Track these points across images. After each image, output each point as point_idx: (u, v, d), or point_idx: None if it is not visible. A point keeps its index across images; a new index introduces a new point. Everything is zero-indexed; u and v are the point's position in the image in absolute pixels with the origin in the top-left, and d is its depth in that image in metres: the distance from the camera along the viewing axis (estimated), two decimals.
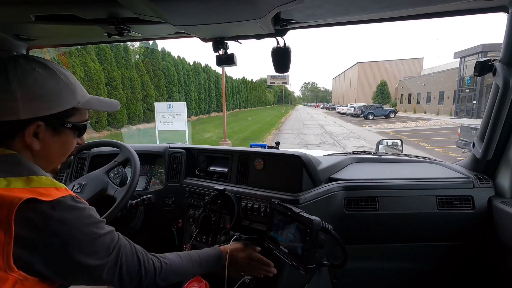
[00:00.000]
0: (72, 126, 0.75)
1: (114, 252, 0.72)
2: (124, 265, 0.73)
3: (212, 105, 22.89)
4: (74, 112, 0.75)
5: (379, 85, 46.52)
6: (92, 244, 0.67)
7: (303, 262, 0.96)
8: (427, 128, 16.92)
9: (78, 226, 0.65)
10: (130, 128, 13.22)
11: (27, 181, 0.64)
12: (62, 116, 0.72)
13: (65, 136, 0.75)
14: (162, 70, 16.15)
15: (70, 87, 0.73)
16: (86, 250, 0.66)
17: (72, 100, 0.73)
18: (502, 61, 1.14)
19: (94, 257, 0.67)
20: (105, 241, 0.70)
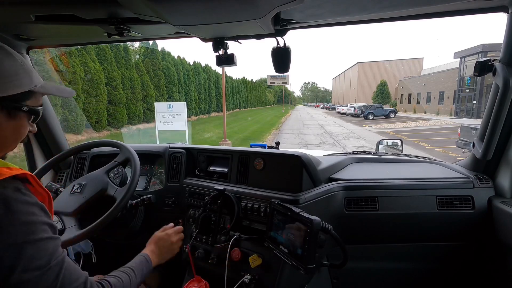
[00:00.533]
0: (28, 109, 0.72)
1: (55, 263, 0.64)
2: (65, 284, 0.65)
3: (212, 105, 22.88)
4: (31, 95, 0.73)
5: (379, 85, 46.51)
6: (32, 245, 0.61)
7: (303, 262, 0.96)
8: (427, 128, 16.91)
9: (20, 217, 0.60)
10: (130, 128, 13.22)
11: None
12: (18, 99, 0.70)
13: (20, 120, 0.72)
14: (162, 70, 16.15)
15: (26, 69, 0.71)
16: (20, 248, 0.59)
17: (29, 83, 0.71)
18: (502, 61, 1.14)
19: (30, 261, 0.60)
20: (47, 246, 0.64)
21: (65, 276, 0.65)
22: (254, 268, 1.17)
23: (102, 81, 11.48)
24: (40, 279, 0.61)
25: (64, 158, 1.49)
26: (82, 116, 10.46)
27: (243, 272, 1.19)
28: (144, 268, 1.02)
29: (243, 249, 1.23)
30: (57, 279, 0.64)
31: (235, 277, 1.19)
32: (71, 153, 1.54)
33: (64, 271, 0.66)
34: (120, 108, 12.52)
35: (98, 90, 11.22)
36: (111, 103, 12.21)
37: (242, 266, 1.21)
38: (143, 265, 1.02)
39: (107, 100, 11.88)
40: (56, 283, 0.63)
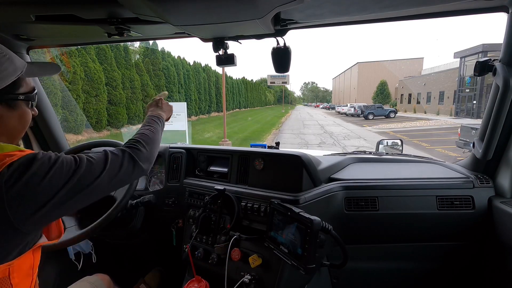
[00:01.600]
0: (25, 97, 0.74)
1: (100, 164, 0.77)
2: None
3: (212, 105, 22.88)
4: (21, 82, 0.73)
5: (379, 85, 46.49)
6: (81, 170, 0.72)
7: (303, 262, 0.96)
8: (427, 128, 16.91)
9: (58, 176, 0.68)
10: (130, 128, 13.21)
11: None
12: (10, 90, 0.70)
13: (20, 109, 0.74)
14: (162, 70, 16.14)
15: (7, 56, 0.70)
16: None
17: (15, 70, 0.70)
18: (502, 61, 1.14)
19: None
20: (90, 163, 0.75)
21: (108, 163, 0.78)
22: (254, 268, 1.17)
23: (102, 81, 11.47)
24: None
25: None
26: (82, 116, 10.46)
27: (243, 272, 1.20)
28: (157, 120, 1.09)
29: (243, 249, 1.23)
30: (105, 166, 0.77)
31: (235, 277, 1.19)
32: (71, 153, 1.54)
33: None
34: (120, 108, 12.52)
35: (98, 90, 11.22)
36: (111, 103, 12.21)
37: (242, 266, 1.21)
38: (155, 119, 1.09)
39: (107, 100, 11.87)
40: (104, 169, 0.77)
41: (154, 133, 1.01)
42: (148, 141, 0.94)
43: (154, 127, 1.04)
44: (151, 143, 0.94)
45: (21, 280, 0.67)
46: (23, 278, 0.68)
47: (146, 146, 0.91)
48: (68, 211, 0.71)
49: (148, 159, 0.90)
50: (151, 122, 1.07)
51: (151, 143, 0.94)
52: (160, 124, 1.09)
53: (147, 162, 0.90)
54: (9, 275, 0.64)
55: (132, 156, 0.85)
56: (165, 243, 1.59)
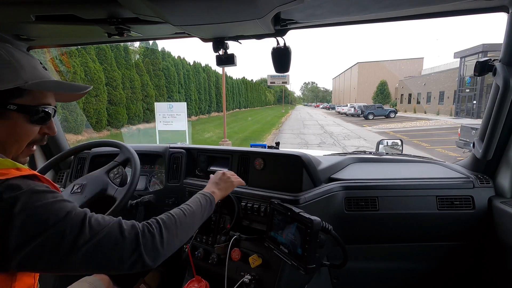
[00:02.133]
0: (18, 108, 0.67)
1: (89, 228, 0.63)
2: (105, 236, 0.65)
3: (212, 105, 22.88)
4: (22, 93, 0.67)
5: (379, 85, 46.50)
6: (65, 221, 0.60)
7: (303, 262, 0.96)
8: (427, 128, 16.91)
9: (43, 206, 0.59)
10: (130, 128, 13.22)
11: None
12: (3, 97, 0.65)
13: (11, 120, 0.67)
14: (162, 70, 16.15)
15: (12, 64, 0.66)
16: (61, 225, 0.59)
17: (15, 79, 0.65)
18: (502, 61, 1.14)
19: (76, 233, 0.60)
20: (78, 213, 0.63)
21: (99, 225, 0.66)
22: (254, 268, 1.17)
23: (102, 81, 11.48)
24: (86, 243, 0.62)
25: (64, 158, 1.49)
26: (82, 116, 10.46)
27: (243, 272, 1.20)
28: (203, 200, 0.95)
29: (243, 249, 1.23)
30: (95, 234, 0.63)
31: (235, 277, 1.19)
32: (71, 153, 1.54)
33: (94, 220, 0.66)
34: (120, 108, 12.52)
35: (98, 90, 11.22)
36: (111, 103, 12.21)
37: (242, 266, 1.21)
38: (200, 198, 0.95)
39: (107, 100, 11.88)
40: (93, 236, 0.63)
41: (187, 216, 0.84)
42: (171, 226, 0.77)
43: (192, 210, 0.87)
44: (173, 229, 0.77)
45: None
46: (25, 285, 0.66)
47: (165, 231, 0.74)
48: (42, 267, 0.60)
49: (157, 250, 0.71)
50: (193, 201, 0.92)
51: (173, 229, 0.77)
52: (203, 206, 0.92)
53: (154, 253, 0.70)
54: (10, 285, 0.62)
55: (138, 238, 0.68)
56: None
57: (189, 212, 0.86)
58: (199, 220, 0.89)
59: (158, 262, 0.71)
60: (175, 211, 0.83)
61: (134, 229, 0.69)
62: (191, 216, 0.86)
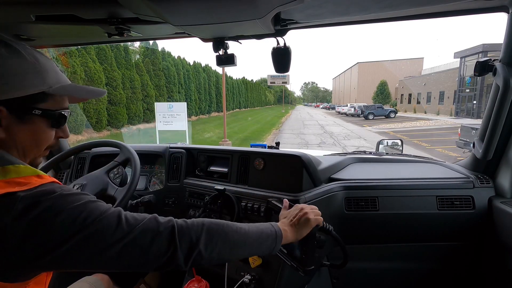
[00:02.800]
0: (42, 113, 0.66)
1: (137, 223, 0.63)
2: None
3: (212, 105, 22.89)
4: (46, 98, 0.67)
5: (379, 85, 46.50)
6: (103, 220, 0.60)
7: (301, 264, 0.96)
8: (427, 128, 16.91)
9: (73, 209, 0.58)
10: (130, 128, 13.23)
11: (3, 171, 0.58)
12: (28, 101, 0.64)
13: (34, 124, 0.67)
14: (162, 70, 16.15)
15: (37, 68, 0.65)
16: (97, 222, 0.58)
17: (40, 84, 0.65)
18: (502, 61, 1.14)
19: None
20: (114, 214, 0.62)
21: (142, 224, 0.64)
22: (254, 268, 1.17)
23: (102, 81, 11.49)
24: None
25: (64, 158, 1.49)
26: (82, 116, 10.46)
27: (243, 272, 1.20)
28: (266, 229, 0.80)
29: None
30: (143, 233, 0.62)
31: (235, 277, 1.19)
32: (71, 153, 1.54)
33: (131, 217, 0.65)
34: (120, 108, 12.52)
35: None
36: (111, 103, 12.22)
37: (242, 266, 1.21)
38: (265, 227, 0.81)
39: (107, 100, 11.88)
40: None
41: (237, 232, 0.73)
42: (215, 231, 0.70)
43: (246, 230, 0.76)
44: (217, 236, 0.69)
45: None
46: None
47: (205, 233, 0.68)
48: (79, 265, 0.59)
49: (192, 248, 0.65)
50: (255, 225, 0.80)
51: (217, 236, 0.69)
52: (263, 233, 0.78)
53: (188, 251, 0.65)
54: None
55: (174, 232, 0.65)
56: None
57: (242, 230, 0.75)
58: (251, 245, 0.75)
59: (190, 262, 0.65)
60: (228, 222, 0.75)
61: (171, 222, 0.67)
62: (243, 235, 0.74)
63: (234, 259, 0.77)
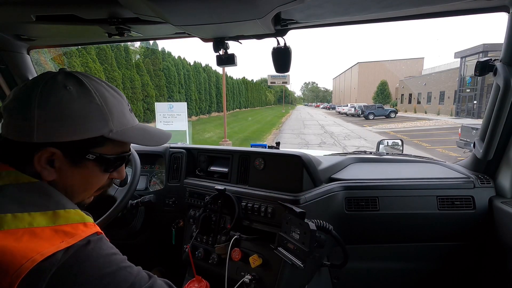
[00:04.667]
0: (96, 158, 0.62)
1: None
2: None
3: (212, 105, 22.90)
4: (105, 141, 0.62)
5: (379, 85, 46.49)
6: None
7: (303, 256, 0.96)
8: (428, 128, 16.90)
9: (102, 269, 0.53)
10: None
11: (53, 217, 0.54)
12: (86, 145, 0.60)
13: (87, 169, 0.63)
14: (163, 70, 16.16)
15: (103, 111, 0.61)
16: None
17: (102, 127, 0.60)
18: (503, 61, 1.14)
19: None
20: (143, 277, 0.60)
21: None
22: (255, 268, 1.17)
23: None
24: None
25: None
26: None
27: (244, 272, 1.19)
28: None
29: (243, 249, 1.23)
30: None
31: (236, 277, 1.19)
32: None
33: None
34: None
35: None
36: None
37: (243, 266, 1.21)
38: None
39: None
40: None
41: None
42: None
43: None
44: None
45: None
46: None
47: None
48: None
49: None
50: None
51: None
52: None
53: None
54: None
55: None
56: (165, 243, 1.59)
57: None
58: None
59: None
60: None
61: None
62: None
63: None
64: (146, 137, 0.70)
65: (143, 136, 0.69)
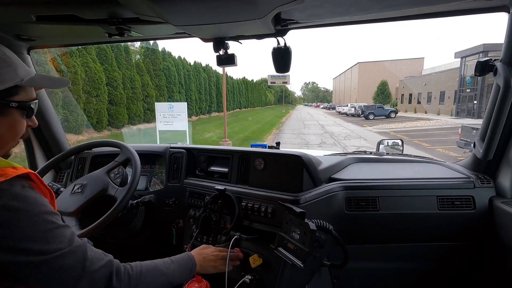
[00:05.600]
0: (18, 105, 0.71)
1: (78, 243, 0.69)
2: (93, 263, 0.69)
3: (212, 105, 22.89)
4: (18, 90, 0.71)
5: (379, 85, 46.46)
6: (50, 232, 0.64)
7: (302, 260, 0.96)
8: (428, 128, 16.89)
9: (33, 210, 0.63)
10: (130, 128, 13.23)
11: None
12: (5, 95, 0.68)
13: (12, 116, 0.70)
14: (163, 70, 16.16)
15: (9, 63, 0.69)
16: (42, 237, 0.63)
17: (14, 78, 0.69)
18: (503, 61, 1.14)
19: (54, 242, 0.64)
20: (65, 232, 0.67)
21: (91, 257, 0.70)
22: (255, 268, 1.17)
23: (103, 81, 11.49)
24: (65, 261, 0.65)
25: (65, 158, 1.49)
26: (82, 116, 10.47)
27: (244, 272, 1.20)
28: (186, 265, 0.96)
29: (243, 249, 1.23)
30: (84, 259, 0.68)
31: (236, 277, 1.19)
32: (72, 153, 1.54)
33: (89, 252, 0.70)
34: (120, 108, 12.53)
35: (99, 90, 11.23)
36: (112, 103, 12.22)
37: (243, 266, 1.21)
38: (186, 261, 0.97)
39: (107, 100, 11.89)
40: (83, 264, 0.67)
41: (163, 274, 0.85)
42: (146, 276, 0.80)
43: (172, 268, 0.89)
44: (144, 281, 0.79)
45: None
46: None
47: (138, 279, 0.77)
48: None
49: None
50: (178, 261, 0.94)
51: (144, 281, 0.79)
52: (180, 272, 0.93)
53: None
54: None
55: (112, 273, 0.72)
56: (165, 243, 1.59)
57: (166, 271, 0.88)
58: (167, 281, 0.87)
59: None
60: (157, 264, 0.87)
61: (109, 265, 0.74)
62: (166, 274, 0.87)
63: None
64: (51, 81, 0.83)
65: (49, 80, 0.82)
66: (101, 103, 11.37)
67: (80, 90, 10.28)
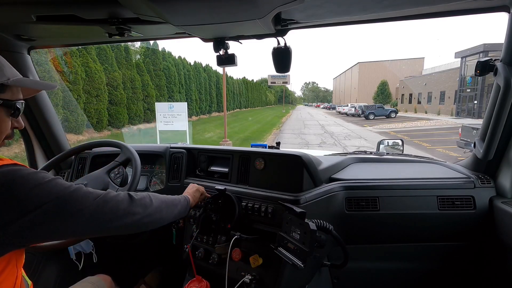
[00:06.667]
0: (3, 103, 0.72)
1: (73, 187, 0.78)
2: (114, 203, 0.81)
3: (212, 105, 22.89)
4: (4, 89, 0.73)
5: (379, 85, 46.43)
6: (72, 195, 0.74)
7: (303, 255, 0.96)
8: (428, 128, 16.88)
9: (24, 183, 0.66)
10: (131, 128, 13.23)
11: None
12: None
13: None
14: (163, 70, 16.15)
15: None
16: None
17: (1, 77, 0.71)
18: (503, 61, 1.14)
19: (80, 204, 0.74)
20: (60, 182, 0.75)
21: (112, 199, 0.82)
22: (255, 268, 1.17)
23: (103, 81, 11.49)
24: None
25: (65, 158, 1.49)
26: (83, 116, 10.47)
27: (244, 272, 1.20)
28: (181, 201, 1.11)
29: (243, 249, 1.23)
30: (104, 205, 0.80)
31: (236, 277, 1.19)
32: (72, 153, 1.54)
33: (107, 197, 0.82)
34: (121, 108, 12.53)
35: (99, 90, 11.23)
36: (112, 103, 12.22)
37: (243, 266, 1.21)
38: (179, 198, 1.12)
39: (108, 100, 11.88)
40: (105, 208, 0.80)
41: (168, 206, 1.03)
42: (157, 203, 0.97)
43: (171, 202, 1.06)
44: (158, 206, 0.97)
45: (4, 278, 0.67)
46: (6, 276, 0.68)
47: (152, 202, 0.95)
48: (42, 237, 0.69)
49: (146, 209, 0.92)
50: (176, 199, 1.10)
51: (158, 206, 0.97)
52: (180, 204, 1.10)
53: (145, 211, 0.91)
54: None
55: (131, 196, 0.88)
56: (165, 243, 1.59)
57: (169, 203, 1.04)
58: (168, 211, 1.03)
59: (140, 221, 0.91)
60: (162, 198, 1.02)
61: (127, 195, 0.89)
62: (169, 206, 1.04)
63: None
64: (37, 84, 0.86)
65: (35, 82, 0.85)
66: (101, 103, 11.36)
67: (80, 90, 10.28)
